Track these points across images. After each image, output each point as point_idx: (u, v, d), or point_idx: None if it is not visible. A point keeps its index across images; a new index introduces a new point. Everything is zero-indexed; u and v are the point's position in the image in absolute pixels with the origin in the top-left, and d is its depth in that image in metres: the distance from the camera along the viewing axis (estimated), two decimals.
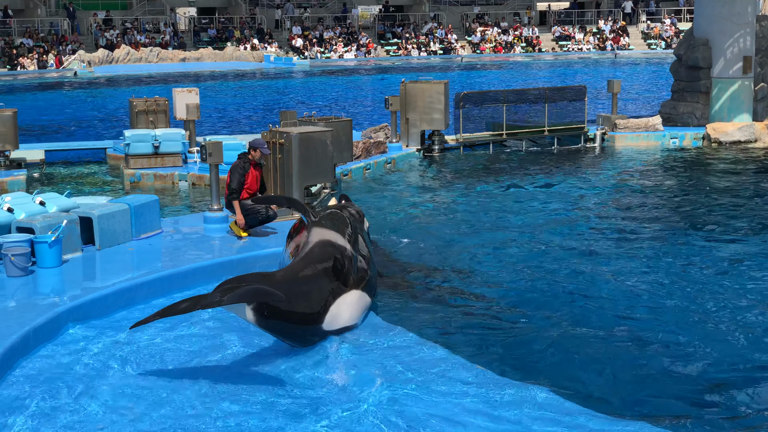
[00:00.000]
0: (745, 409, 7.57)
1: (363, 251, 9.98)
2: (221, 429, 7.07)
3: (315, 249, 9.18)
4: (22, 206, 11.37)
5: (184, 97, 19.67)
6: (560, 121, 22.32)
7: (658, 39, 61.62)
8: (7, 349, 8.11)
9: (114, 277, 10.39)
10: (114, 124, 28.31)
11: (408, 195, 16.74)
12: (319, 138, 13.30)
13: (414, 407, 7.39)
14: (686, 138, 22.44)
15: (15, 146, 18.11)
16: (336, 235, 9.61)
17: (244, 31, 56.09)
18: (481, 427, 7.09)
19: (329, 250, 9.23)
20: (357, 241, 10.02)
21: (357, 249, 9.81)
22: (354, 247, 9.74)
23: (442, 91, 20.23)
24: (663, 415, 7.41)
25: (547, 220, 14.38)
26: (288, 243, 10.41)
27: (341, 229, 9.87)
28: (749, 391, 7.89)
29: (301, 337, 8.70)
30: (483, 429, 7.08)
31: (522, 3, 65.16)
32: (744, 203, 15.59)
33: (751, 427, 7.28)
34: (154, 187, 17.16)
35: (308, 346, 8.70)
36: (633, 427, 7.14)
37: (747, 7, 22.66)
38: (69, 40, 51.11)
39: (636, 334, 9.18)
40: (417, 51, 56.90)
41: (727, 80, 22.88)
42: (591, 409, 7.42)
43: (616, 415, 7.35)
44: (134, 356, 8.51)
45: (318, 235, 9.42)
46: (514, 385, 7.87)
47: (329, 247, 9.27)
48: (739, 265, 11.60)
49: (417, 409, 7.37)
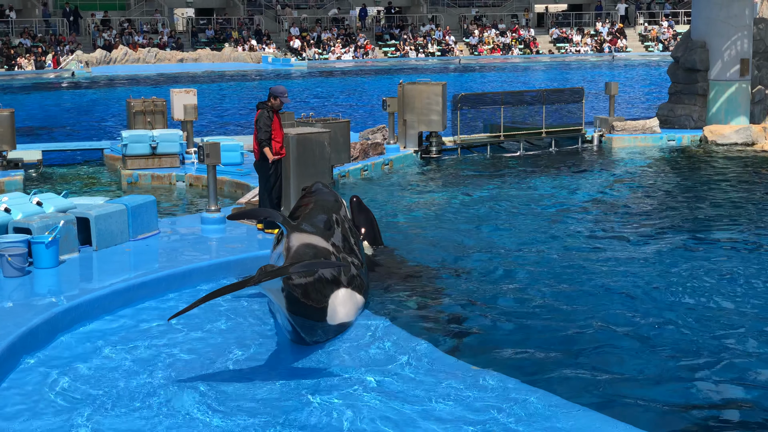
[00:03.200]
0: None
1: (349, 252, 10.03)
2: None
3: (297, 252, 9.19)
4: (19, 206, 11.36)
5: (182, 97, 19.66)
6: (558, 123, 22.34)
7: (655, 41, 61.69)
8: (4, 349, 8.09)
9: (111, 277, 10.38)
10: (111, 124, 28.29)
11: (405, 196, 16.74)
12: (317, 139, 13.30)
13: (412, 407, 7.40)
14: (683, 140, 22.48)
15: (12, 146, 18.09)
16: (317, 238, 9.65)
17: (242, 32, 56.10)
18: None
19: (311, 252, 9.25)
20: (341, 241, 10.07)
21: (341, 249, 9.88)
22: (337, 248, 9.79)
23: (439, 93, 20.23)
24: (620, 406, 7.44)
25: (545, 221, 14.38)
26: (273, 249, 10.42)
27: (321, 231, 9.91)
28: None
29: (313, 329, 8.79)
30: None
31: (520, 5, 65.23)
32: (741, 206, 15.60)
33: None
34: (151, 188, 17.16)
35: (316, 341, 8.78)
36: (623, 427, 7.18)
37: (744, 9, 22.70)
38: (67, 40, 51.10)
39: (635, 333, 9.20)
40: (415, 52, 56.93)
41: (725, 83, 22.92)
42: (600, 412, 7.44)
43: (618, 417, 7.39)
44: (132, 357, 8.52)
45: (298, 240, 9.44)
46: (522, 387, 7.87)
47: (311, 249, 9.30)
48: (735, 267, 11.61)
49: (413, 408, 7.38)
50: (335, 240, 9.99)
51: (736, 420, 7.48)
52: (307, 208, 10.76)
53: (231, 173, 16.98)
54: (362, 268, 10.20)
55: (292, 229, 9.72)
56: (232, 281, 10.68)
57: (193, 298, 9.36)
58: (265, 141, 12.18)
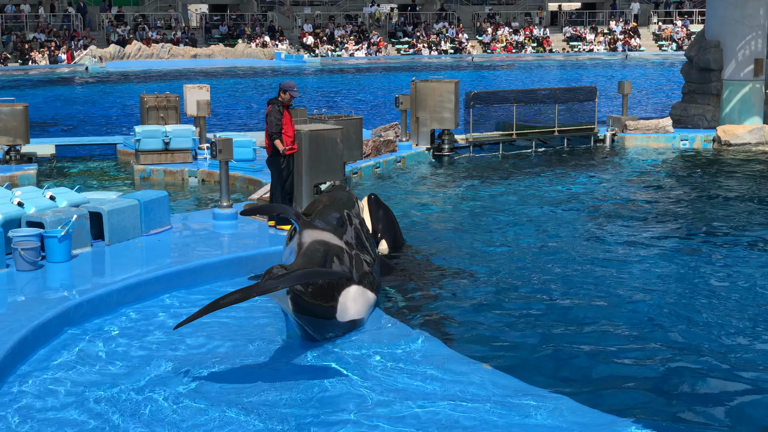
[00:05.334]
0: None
1: (361, 249, 10.02)
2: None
3: (310, 248, 9.20)
4: (32, 201, 11.41)
5: (195, 93, 19.71)
6: (570, 122, 22.30)
7: (669, 40, 61.51)
8: (16, 343, 8.14)
9: (123, 272, 10.42)
10: (124, 120, 28.37)
11: (417, 194, 16.74)
12: (330, 136, 13.31)
13: (422, 406, 7.42)
14: (696, 140, 22.41)
15: (26, 141, 18.15)
16: (329, 234, 9.64)
17: (255, 29, 56.17)
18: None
19: (323, 248, 9.26)
20: (353, 239, 10.06)
21: (353, 246, 9.87)
22: (350, 245, 9.79)
23: (452, 91, 20.22)
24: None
25: (557, 219, 14.37)
26: (286, 245, 10.43)
27: (334, 228, 9.90)
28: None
29: (323, 327, 8.81)
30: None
31: (533, 3, 65.13)
32: (754, 206, 15.55)
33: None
34: (164, 183, 17.20)
35: (326, 337, 8.81)
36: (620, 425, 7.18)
37: (759, 9, 22.61)
38: (81, 35, 51.25)
39: (640, 334, 9.19)
40: (428, 50, 56.89)
41: (738, 83, 22.83)
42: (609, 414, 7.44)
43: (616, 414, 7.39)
44: (142, 352, 8.55)
45: (310, 236, 9.44)
46: (531, 390, 7.87)
47: (324, 246, 9.31)
48: (747, 268, 11.58)
49: (423, 407, 7.39)
50: (348, 237, 9.99)
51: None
52: (321, 204, 10.77)
53: (243, 169, 17.01)
54: (374, 265, 10.20)
55: (305, 225, 9.72)
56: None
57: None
58: (276, 134, 12.26)
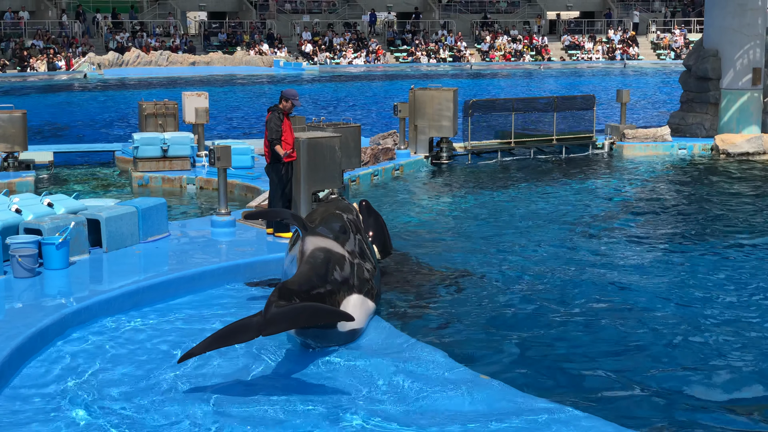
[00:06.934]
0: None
1: (363, 258, 10.01)
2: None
3: (312, 257, 9.19)
4: (30, 207, 11.39)
5: (194, 100, 19.71)
6: (569, 130, 22.32)
7: (667, 49, 61.62)
8: (14, 350, 8.12)
9: (121, 279, 10.40)
10: (123, 127, 28.37)
11: (415, 202, 16.74)
12: (328, 143, 13.30)
13: (420, 415, 7.40)
14: (694, 149, 22.43)
15: (24, 148, 18.15)
16: (332, 242, 9.64)
17: (254, 36, 56.23)
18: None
19: (326, 256, 9.26)
20: (356, 247, 10.05)
21: (355, 255, 9.86)
22: (352, 254, 9.78)
23: (451, 99, 20.24)
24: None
25: (555, 227, 14.37)
26: (289, 252, 10.42)
27: (336, 236, 9.90)
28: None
29: (323, 337, 8.82)
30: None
31: (532, 12, 65.25)
32: (753, 215, 15.56)
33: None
34: (162, 191, 17.20)
35: (326, 346, 8.82)
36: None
37: (757, 18, 22.66)
38: (79, 42, 51.29)
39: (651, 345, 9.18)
40: (426, 58, 56.97)
41: (737, 92, 22.86)
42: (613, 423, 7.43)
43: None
44: (139, 359, 8.53)
45: (313, 244, 9.44)
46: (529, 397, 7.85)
47: (326, 254, 9.30)
48: (744, 275, 11.58)
49: (421, 416, 7.38)
50: (350, 245, 9.97)
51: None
52: (322, 212, 10.75)
53: (241, 177, 17.01)
54: (375, 274, 10.18)
55: (308, 232, 9.71)
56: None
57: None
58: (275, 140, 12.29)
